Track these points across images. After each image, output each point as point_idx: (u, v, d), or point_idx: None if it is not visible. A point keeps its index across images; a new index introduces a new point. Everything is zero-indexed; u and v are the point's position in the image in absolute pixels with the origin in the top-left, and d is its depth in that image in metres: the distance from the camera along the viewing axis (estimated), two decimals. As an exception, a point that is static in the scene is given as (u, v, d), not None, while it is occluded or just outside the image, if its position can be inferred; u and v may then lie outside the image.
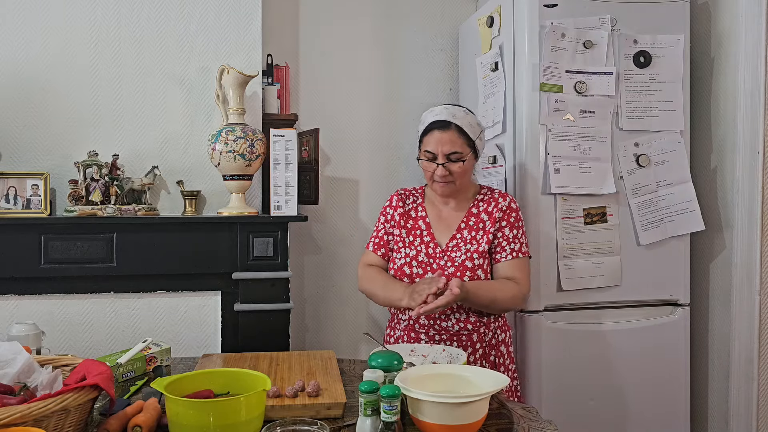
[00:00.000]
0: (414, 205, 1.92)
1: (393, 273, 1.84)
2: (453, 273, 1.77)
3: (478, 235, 1.82)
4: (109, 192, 2.12)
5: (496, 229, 1.82)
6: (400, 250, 1.85)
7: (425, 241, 1.84)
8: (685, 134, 2.28)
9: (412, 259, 1.82)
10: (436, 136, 1.78)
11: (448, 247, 1.82)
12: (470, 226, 1.84)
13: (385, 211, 1.94)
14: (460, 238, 1.82)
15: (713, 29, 2.37)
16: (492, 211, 1.84)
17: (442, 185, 1.80)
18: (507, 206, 1.84)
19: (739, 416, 2.26)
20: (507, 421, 1.32)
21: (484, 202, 1.87)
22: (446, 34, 2.89)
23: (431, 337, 1.79)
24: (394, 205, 1.92)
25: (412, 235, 1.86)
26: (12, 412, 1.01)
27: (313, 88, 2.76)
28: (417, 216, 1.89)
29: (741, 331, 2.25)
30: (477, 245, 1.80)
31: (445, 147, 1.76)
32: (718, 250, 2.36)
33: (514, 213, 1.85)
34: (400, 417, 1.15)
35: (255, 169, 2.18)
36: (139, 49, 2.25)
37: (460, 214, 1.86)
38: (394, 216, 1.91)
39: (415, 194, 1.95)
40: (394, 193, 1.96)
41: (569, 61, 2.18)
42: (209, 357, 1.74)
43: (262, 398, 1.17)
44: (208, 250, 2.12)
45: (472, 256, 1.78)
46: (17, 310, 2.06)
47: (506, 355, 1.86)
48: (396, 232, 1.89)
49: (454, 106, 1.83)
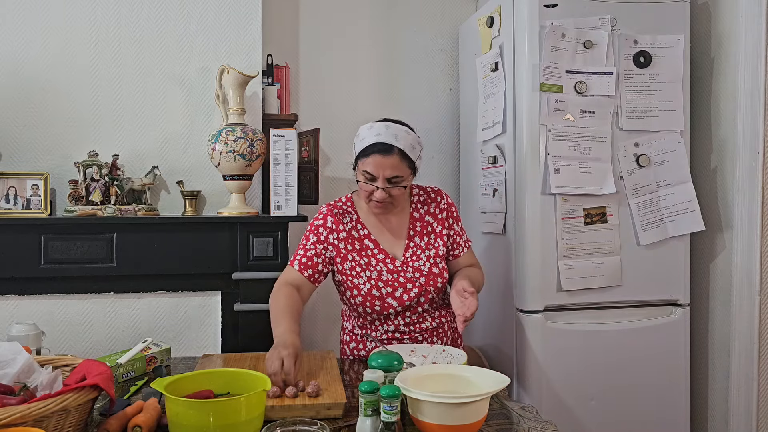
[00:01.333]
0: (352, 223, 1.80)
1: (361, 300, 1.75)
2: (426, 282, 1.76)
3: (431, 239, 1.81)
4: (109, 192, 2.12)
5: (447, 227, 1.84)
6: (360, 276, 1.75)
7: (379, 259, 1.76)
8: (685, 134, 2.28)
9: (376, 280, 1.75)
10: (377, 160, 1.68)
11: (406, 258, 1.78)
12: (419, 232, 1.82)
13: (318, 230, 1.78)
14: (414, 246, 1.80)
15: (713, 29, 2.37)
16: (435, 212, 1.84)
17: (380, 206, 1.74)
18: (447, 203, 1.87)
19: (739, 416, 2.26)
20: (507, 421, 1.32)
21: (421, 203, 1.85)
22: (446, 34, 2.89)
23: (414, 339, 1.80)
24: (329, 227, 1.78)
25: (365, 256, 1.77)
26: (12, 412, 1.01)
27: (313, 88, 2.76)
28: (360, 235, 1.79)
29: (741, 331, 2.25)
30: (435, 249, 1.81)
31: (386, 171, 1.68)
32: (718, 250, 2.36)
33: (453, 208, 1.89)
34: (400, 417, 1.15)
35: (255, 169, 2.18)
36: (139, 49, 2.25)
37: (403, 222, 1.82)
38: (329, 239, 1.77)
39: (348, 210, 1.82)
40: (326, 210, 1.81)
41: (569, 61, 2.18)
42: (209, 357, 1.73)
43: (262, 398, 1.17)
44: (208, 250, 2.12)
45: (435, 261, 1.79)
46: (17, 310, 2.06)
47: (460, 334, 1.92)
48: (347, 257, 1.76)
49: (395, 125, 1.74)
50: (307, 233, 1.80)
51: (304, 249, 1.78)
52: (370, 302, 1.75)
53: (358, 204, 1.84)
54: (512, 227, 2.26)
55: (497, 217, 2.34)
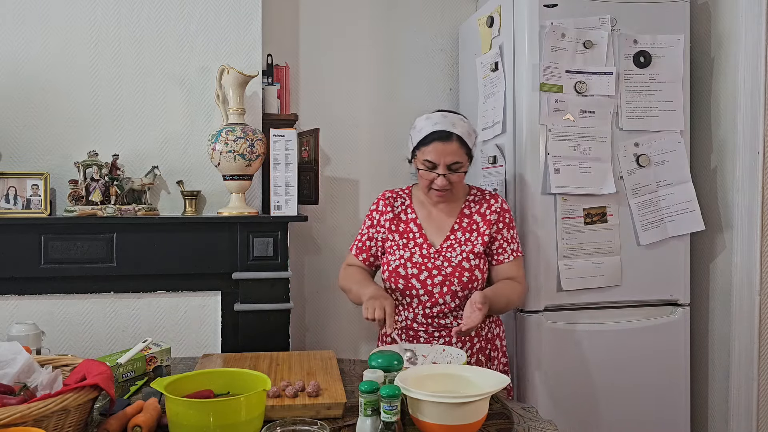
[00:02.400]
0: (403, 207, 1.91)
1: (388, 275, 1.84)
2: (451, 273, 1.78)
3: (472, 237, 1.83)
4: (109, 192, 2.12)
5: (494, 231, 1.83)
6: (394, 253, 1.85)
7: (418, 243, 1.84)
8: (685, 134, 2.28)
9: (407, 260, 1.82)
10: (437, 147, 1.75)
11: (443, 247, 1.83)
12: (463, 228, 1.85)
13: (372, 215, 1.92)
14: (454, 239, 1.83)
15: (713, 29, 2.37)
16: (485, 212, 1.86)
17: (440, 194, 1.81)
18: (500, 208, 1.86)
19: (739, 416, 2.26)
20: (507, 421, 1.32)
21: (475, 203, 1.88)
22: (446, 34, 2.89)
23: (431, 334, 1.80)
24: (380, 210, 1.91)
25: (405, 237, 1.86)
26: (12, 412, 1.01)
27: (313, 88, 2.76)
28: (407, 219, 1.89)
29: (741, 331, 2.25)
30: (472, 246, 1.81)
31: (447, 158, 1.75)
32: (718, 250, 2.36)
33: (507, 214, 1.88)
34: (400, 417, 1.15)
35: (255, 169, 2.18)
36: (139, 49, 2.25)
37: (452, 216, 1.87)
38: (380, 221, 1.90)
39: (402, 196, 1.93)
40: (381, 195, 1.95)
41: (569, 61, 2.18)
42: (209, 357, 1.73)
43: (262, 398, 1.17)
44: (208, 250, 2.12)
45: (468, 256, 1.80)
46: (17, 310, 2.06)
47: (500, 348, 1.90)
48: (385, 237, 1.88)
49: (451, 114, 1.82)
50: (365, 218, 1.95)
51: (360, 235, 1.94)
52: (395, 279, 1.81)
53: (414, 193, 1.93)
54: (512, 227, 2.26)
55: (497, 217, 2.35)
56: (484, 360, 1.84)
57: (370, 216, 1.93)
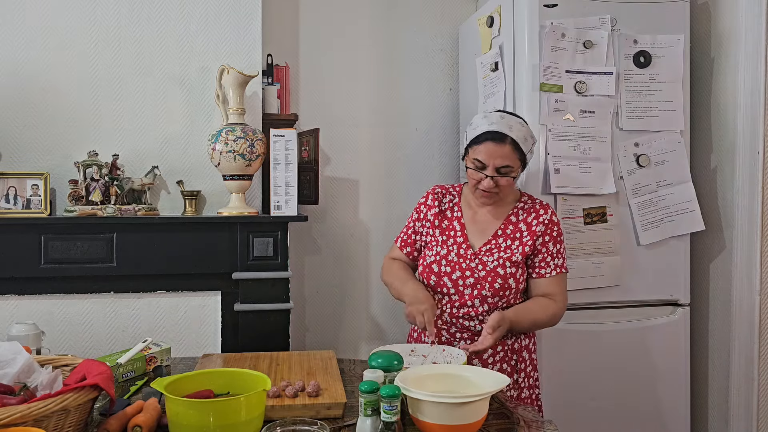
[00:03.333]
0: (450, 204, 1.86)
1: (421, 269, 1.81)
2: (483, 277, 1.73)
3: (513, 245, 1.77)
4: (109, 192, 2.12)
5: (538, 243, 1.76)
6: (432, 248, 1.81)
7: (458, 242, 1.79)
8: (685, 134, 2.28)
9: (442, 258, 1.77)
10: (489, 148, 1.70)
11: (481, 250, 1.77)
12: (507, 234, 1.79)
13: (419, 208, 1.89)
14: (495, 244, 1.78)
15: (713, 29, 2.37)
16: (532, 222, 1.78)
17: (486, 196, 1.75)
18: (549, 220, 1.78)
19: (739, 416, 2.26)
20: (507, 421, 1.32)
21: (524, 211, 1.81)
22: (446, 34, 2.89)
23: (452, 334, 1.77)
24: (428, 204, 1.87)
25: (446, 234, 1.82)
26: (12, 412, 1.01)
27: (313, 88, 2.76)
28: (452, 216, 1.84)
29: (741, 331, 2.25)
30: (511, 254, 1.75)
31: (497, 161, 1.70)
32: (718, 250, 2.36)
33: (556, 227, 1.79)
34: (400, 417, 1.15)
35: (255, 169, 2.18)
36: (139, 49, 2.25)
37: (498, 220, 1.81)
38: (427, 215, 1.86)
39: (452, 192, 1.89)
40: (431, 190, 1.90)
41: (569, 61, 2.18)
42: (209, 357, 1.73)
43: (262, 398, 1.17)
44: (208, 250, 2.12)
45: (505, 264, 1.74)
46: (17, 310, 2.06)
47: (528, 361, 1.82)
48: (429, 231, 1.85)
49: (510, 116, 1.76)
50: (413, 211, 1.92)
51: (406, 227, 1.92)
52: (427, 274, 1.79)
53: (464, 192, 1.89)
54: (512, 227, 2.26)
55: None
56: (509, 370, 1.77)
57: (417, 209, 1.89)
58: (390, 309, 2.81)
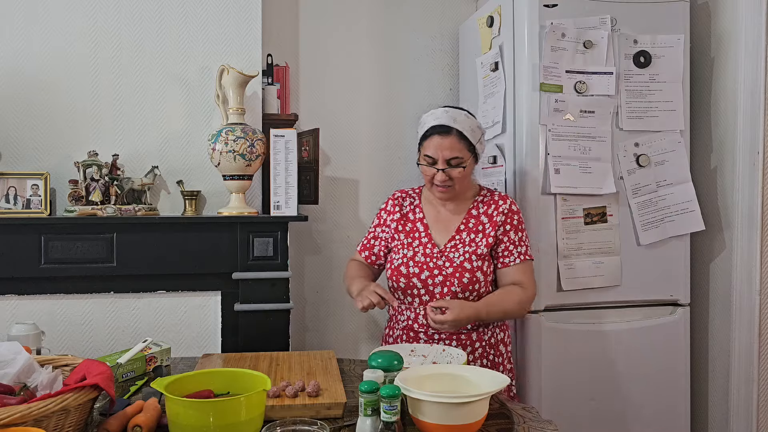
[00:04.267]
0: (411, 207, 1.91)
1: (390, 273, 1.84)
2: (452, 273, 1.77)
3: (477, 238, 1.81)
4: (109, 192, 2.12)
5: (500, 233, 1.80)
6: (398, 251, 1.85)
7: (423, 242, 1.83)
8: (685, 134, 2.28)
9: (409, 259, 1.81)
10: (436, 141, 1.76)
11: (446, 247, 1.81)
12: (469, 228, 1.83)
13: (380, 214, 1.94)
14: (459, 239, 1.82)
15: (713, 29, 2.37)
16: (492, 213, 1.83)
17: (442, 190, 1.79)
18: (508, 209, 1.83)
19: (739, 416, 2.26)
20: (507, 421, 1.32)
21: (484, 204, 1.86)
22: (446, 34, 2.89)
23: (430, 336, 1.80)
24: (388, 210, 1.92)
25: (410, 236, 1.85)
26: (12, 412, 1.01)
27: (313, 88, 2.76)
28: (415, 218, 1.88)
29: (741, 331, 2.25)
30: (476, 247, 1.79)
31: (445, 152, 1.75)
32: (718, 250, 2.36)
33: (516, 216, 1.83)
34: (400, 417, 1.15)
35: (255, 169, 2.18)
36: (139, 49, 2.25)
37: (459, 216, 1.85)
38: (386, 221, 1.91)
39: (412, 195, 1.94)
40: (391, 196, 1.96)
41: (569, 61, 2.18)
42: (209, 357, 1.73)
43: (262, 398, 1.17)
44: (208, 250, 2.12)
45: (471, 258, 1.78)
46: (17, 310, 2.06)
47: (505, 354, 1.87)
48: (391, 236, 1.89)
49: (454, 109, 1.80)
50: (374, 218, 1.97)
51: (368, 233, 1.96)
52: (396, 277, 1.81)
53: (424, 193, 1.94)
54: (512, 227, 2.26)
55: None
56: (488, 365, 1.82)
57: (378, 215, 1.95)
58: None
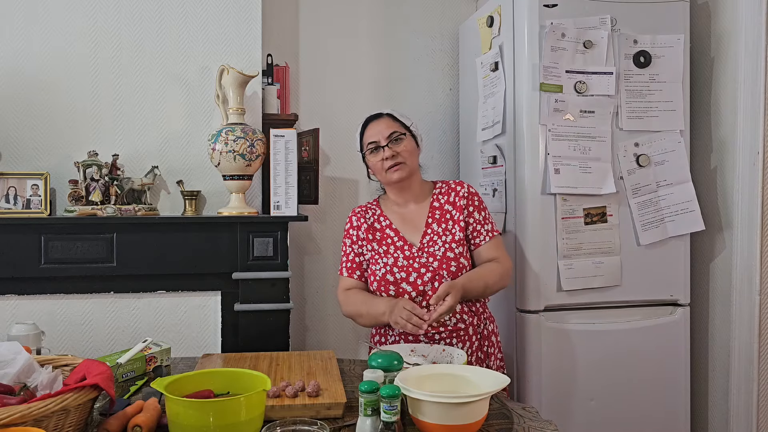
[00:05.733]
0: (375, 217, 1.95)
1: (377, 285, 1.83)
2: (438, 267, 1.79)
3: (449, 226, 1.86)
4: (109, 192, 2.12)
5: (466, 215, 1.86)
6: (377, 262, 1.85)
7: (398, 246, 1.86)
8: (685, 134, 2.28)
9: (392, 266, 1.82)
10: (373, 127, 1.88)
11: (423, 244, 1.85)
12: (437, 219, 1.87)
13: (348, 233, 1.95)
14: (432, 232, 1.86)
15: (713, 29, 2.37)
16: (454, 200, 1.89)
17: (395, 168, 1.85)
18: (468, 192, 1.90)
19: (739, 416, 2.26)
20: (507, 421, 1.32)
21: (442, 194, 1.92)
22: (446, 34, 2.89)
23: (430, 337, 1.80)
24: (355, 225, 1.94)
25: (384, 244, 1.88)
26: (12, 412, 1.01)
27: (313, 88, 2.76)
28: (382, 226, 1.92)
29: (741, 331, 2.25)
30: (452, 235, 1.84)
31: (384, 131, 1.86)
32: (718, 250, 2.36)
33: (476, 197, 1.91)
34: (400, 417, 1.15)
35: (255, 169, 2.18)
36: (139, 49, 2.25)
37: (423, 212, 1.90)
38: (358, 234, 1.92)
39: (372, 208, 1.97)
40: (351, 213, 1.99)
41: (569, 61, 2.18)
42: (209, 357, 1.74)
43: (262, 398, 1.17)
44: (208, 250, 2.12)
45: (451, 246, 1.82)
46: (17, 310, 2.06)
47: (495, 344, 1.93)
48: (367, 248, 1.89)
49: None
50: (344, 240, 1.96)
51: (345, 255, 1.94)
52: (385, 287, 1.82)
53: (382, 202, 1.99)
54: (512, 227, 2.26)
55: (497, 217, 2.35)
56: (483, 357, 1.87)
57: (347, 235, 1.95)
58: (390, 309, 2.81)
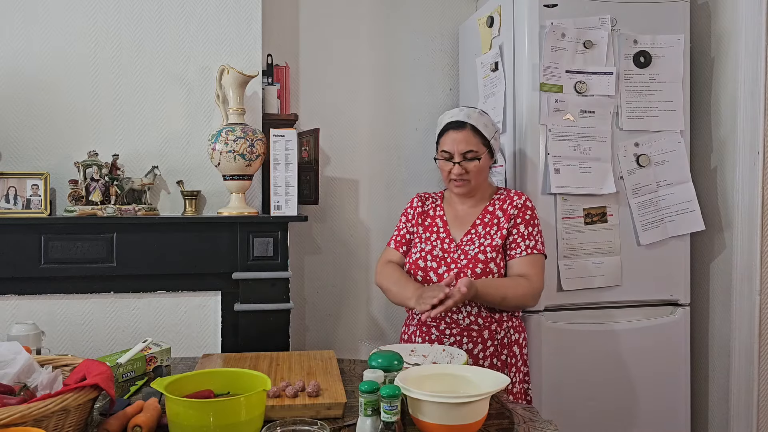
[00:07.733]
0: (433, 206, 1.98)
1: (408, 267, 1.87)
2: (465, 265, 1.79)
3: (492, 231, 1.85)
4: (109, 192, 2.12)
5: (511, 225, 1.84)
6: (417, 245, 1.90)
7: (441, 237, 1.89)
8: (685, 134, 2.28)
9: (427, 253, 1.85)
10: (451, 136, 1.84)
11: (462, 241, 1.86)
12: (485, 222, 1.87)
13: (406, 211, 2.00)
14: (475, 233, 1.86)
15: (713, 29, 2.37)
16: (507, 208, 1.87)
17: (459, 184, 1.85)
18: (522, 204, 1.87)
19: (740, 416, 2.26)
20: (507, 421, 1.32)
21: (500, 200, 1.91)
22: (446, 34, 2.89)
23: (441, 331, 1.80)
24: (414, 206, 1.99)
25: (429, 231, 1.91)
26: (12, 412, 1.01)
27: (313, 88, 2.76)
28: (435, 215, 1.95)
29: (741, 332, 2.25)
30: (491, 239, 1.83)
31: (460, 146, 1.82)
32: (718, 250, 2.36)
33: (529, 211, 1.87)
34: (400, 417, 1.15)
35: (255, 169, 2.18)
36: (139, 49, 2.25)
37: (476, 213, 1.90)
38: (414, 215, 1.97)
39: (434, 197, 2.01)
40: (415, 195, 2.02)
41: (569, 61, 2.18)
42: (209, 357, 1.74)
43: (262, 398, 1.17)
44: (208, 250, 2.12)
45: (485, 249, 1.81)
46: (17, 310, 2.06)
47: (519, 356, 1.85)
48: (415, 230, 1.94)
49: (469, 108, 1.89)
50: (401, 216, 2.01)
51: (397, 230, 1.99)
52: (414, 270, 1.85)
53: (446, 195, 2.01)
54: (512, 227, 2.26)
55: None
56: (499, 365, 1.81)
57: (405, 213, 2.00)
58: (390, 309, 2.81)
